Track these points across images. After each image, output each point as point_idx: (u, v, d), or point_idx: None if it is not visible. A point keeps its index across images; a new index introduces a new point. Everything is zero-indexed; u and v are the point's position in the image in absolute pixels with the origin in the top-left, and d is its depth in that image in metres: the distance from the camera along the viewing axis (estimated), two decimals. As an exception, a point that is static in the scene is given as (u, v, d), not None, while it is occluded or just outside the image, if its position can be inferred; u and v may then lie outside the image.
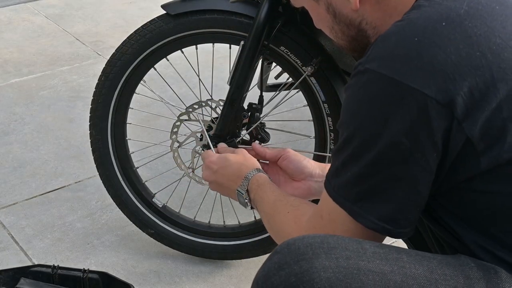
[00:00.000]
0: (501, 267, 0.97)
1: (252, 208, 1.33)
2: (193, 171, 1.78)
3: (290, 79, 1.76)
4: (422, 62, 0.92)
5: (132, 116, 1.89)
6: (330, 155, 1.72)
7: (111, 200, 1.93)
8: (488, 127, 0.93)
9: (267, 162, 1.47)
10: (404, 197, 0.97)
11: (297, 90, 1.73)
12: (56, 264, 1.61)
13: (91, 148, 1.86)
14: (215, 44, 1.73)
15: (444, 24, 0.95)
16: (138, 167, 1.92)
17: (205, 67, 1.95)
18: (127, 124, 1.85)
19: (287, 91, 1.75)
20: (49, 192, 2.23)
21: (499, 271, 0.97)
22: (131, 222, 1.93)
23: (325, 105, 1.67)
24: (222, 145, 1.57)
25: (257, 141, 1.66)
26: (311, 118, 1.73)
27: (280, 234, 1.20)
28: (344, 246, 0.96)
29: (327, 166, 1.39)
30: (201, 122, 1.71)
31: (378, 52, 0.96)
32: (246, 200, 1.32)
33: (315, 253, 0.94)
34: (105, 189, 1.90)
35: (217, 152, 1.51)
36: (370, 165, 0.97)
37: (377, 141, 0.95)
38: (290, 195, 1.27)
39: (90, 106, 1.81)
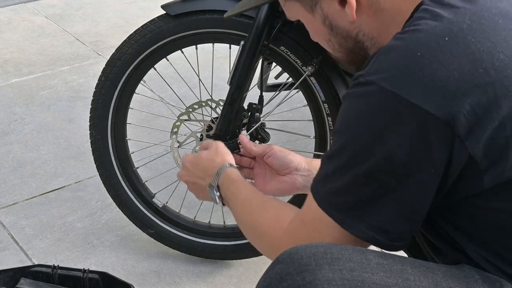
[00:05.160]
0: (505, 279, 0.96)
1: (223, 204, 1.31)
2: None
3: (290, 79, 1.76)
4: (423, 78, 0.90)
5: (132, 116, 1.89)
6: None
7: (111, 200, 1.93)
8: (492, 145, 0.91)
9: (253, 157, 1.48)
10: (396, 211, 0.95)
11: (297, 90, 1.73)
12: (56, 264, 1.61)
13: (91, 148, 1.86)
14: (215, 44, 1.73)
15: (447, 39, 0.92)
16: (138, 167, 1.92)
17: (205, 67, 1.95)
18: (127, 124, 1.85)
19: (287, 91, 1.75)
20: (49, 192, 2.23)
21: (504, 284, 0.95)
22: (131, 222, 1.93)
23: (325, 105, 1.67)
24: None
25: (245, 135, 1.64)
26: (311, 118, 1.73)
27: (256, 230, 1.17)
28: (347, 257, 0.94)
29: (313, 161, 1.39)
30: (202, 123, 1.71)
31: (380, 65, 0.94)
32: (216, 195, 1.29)
33: (318, 264, 0.92)
34: (105, 189, 1.90)
35: None
36: (363, 177, 0.95)
37: (372, 154, 0.93)
38: (264, 194, 1.24)
39: (90, 106, 1.81)
